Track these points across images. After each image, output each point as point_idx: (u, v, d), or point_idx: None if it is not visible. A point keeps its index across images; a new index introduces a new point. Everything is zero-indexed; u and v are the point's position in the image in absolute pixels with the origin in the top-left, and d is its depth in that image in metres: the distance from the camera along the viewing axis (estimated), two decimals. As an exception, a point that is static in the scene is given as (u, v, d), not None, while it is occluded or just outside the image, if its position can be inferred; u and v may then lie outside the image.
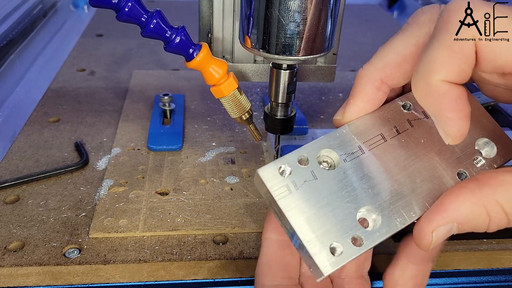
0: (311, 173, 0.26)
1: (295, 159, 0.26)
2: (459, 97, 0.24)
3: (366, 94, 0.29)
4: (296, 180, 0.26)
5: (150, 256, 0.37)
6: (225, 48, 0.45)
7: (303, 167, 0.26)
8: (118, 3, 0.35)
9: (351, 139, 0.28)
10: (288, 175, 0.26)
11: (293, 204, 0.25)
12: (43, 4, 0.88)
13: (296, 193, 0.25)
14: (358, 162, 0.27)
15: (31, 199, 0.42)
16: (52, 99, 0.60)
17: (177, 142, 0.50)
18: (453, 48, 0.23)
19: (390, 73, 0.28)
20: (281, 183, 0.25)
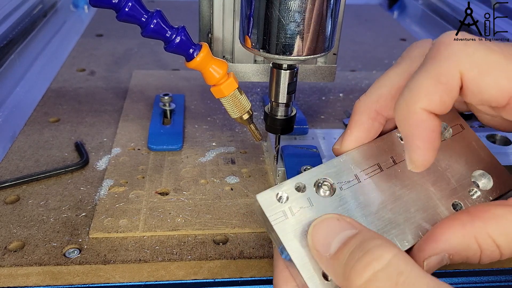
0: (307, 200, 0.27)
1: (292, 186, 0.27)
2: (433, 129, 0.25)
3: (363, 124, 0.30)
4: (293, 206, 0.27)
5: (150, 256, 0.37)
6: (225, 48, 0.45)
7: (300, 194, 0.27)
8: (118, 3, 0.35)
9: (348, 168, 0.29)
10: (285, 201, 0.27)
11: (289, 229, 0.26)
12: (43, 4, 0.88)
13: (292, 218, 0.26)
14: (354, 190, 0.28)
15: (31, 199, 0.42)
16: (52, 99, 0.60)
17: (177, 142, 0.50)
18: (439, 79, 0.24)
19: (384, 104, 0.30)
20: (278, 209, 0.26)
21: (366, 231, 0.25)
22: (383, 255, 0.22)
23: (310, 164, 0.43)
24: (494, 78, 0.23)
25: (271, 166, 0.47)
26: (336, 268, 0.24)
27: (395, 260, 0.22)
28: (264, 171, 0.47)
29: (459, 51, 0.24)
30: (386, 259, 0.22)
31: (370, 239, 0.24)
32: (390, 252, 0.23)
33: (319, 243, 0.25)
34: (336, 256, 0.24)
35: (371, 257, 0.23)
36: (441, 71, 0.24)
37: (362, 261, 0.23)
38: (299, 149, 0.47)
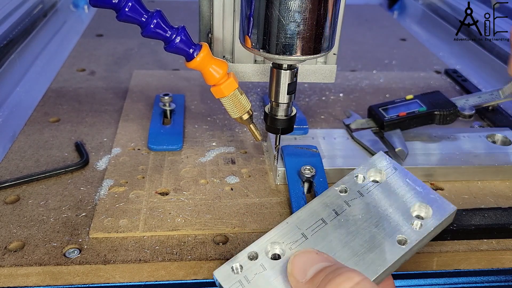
0: (260, 266, 0.30)
1: (245, 256, 0.30)
2: None
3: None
4: (248, 275, 0.29)
5: (150, 256, 0.37)
6: (226, 48, 0.45)
7: (253, 262, 0.30)
8: (118, 3, 0.35)
9: (294, 229, 0.31)
10: (240, 271, 0.29)
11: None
12: (43, 4, 0.88)
13: (249, 286, 0.29)
14: (302, 247, 0.30)
15: (31, 199, 0.42)
16: (52, 99, 0.60)
17: (177, 142, 0.50)
18: None
19: None
20: (234, 280, 0.29)
21: (339, 263, 0.28)
22: (354, 278, 0.25)
23: (310, 164, 0.43)
24: None
25: (271, 166, 0.47)
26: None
27: (364, 282, 0.25)
28: (264, 171, 0.47)
29: None
30: (356, 280, 0.25)
31: (343, 267, 0.26)
32: (360, 276, 0.25)
33: (297, 270, 0.28)
34: (311, 281, 0.27)
35: (343, 278, 0.25)
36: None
37: (334, 281, 0.25)
38: (299, 149, 0.47)
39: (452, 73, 0.70)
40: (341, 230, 0.31)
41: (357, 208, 0.32)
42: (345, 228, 0.31)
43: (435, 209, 0.32)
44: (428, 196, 0.32)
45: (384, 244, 0.30)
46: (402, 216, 0.31)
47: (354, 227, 0.31)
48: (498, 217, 0.40)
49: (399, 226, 0.31)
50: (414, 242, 0.30)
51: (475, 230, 0.39)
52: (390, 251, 0.30)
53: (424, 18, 1.01)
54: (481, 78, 0.72)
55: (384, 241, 0.30)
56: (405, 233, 0.31)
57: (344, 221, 0.31)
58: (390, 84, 0.68)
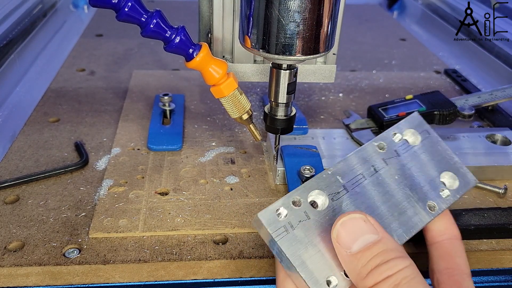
0: (304, 213, 0.29)
1: (289, 201, 0.29)
2: None
3: None
4: (292, 221, 0.28)
5: (150, 256, 0.37)
6: (225, 48, 0.45)
7: (297, 209, 0.29)
8: (118, 3, 0.35)
9: (336, 180, 0.31)
10: (284, 217, 0.28)
11: (292, 243, 0.28)
12: (43, 4, 0.88)
13: (293, 232, 0.28)
14: (344, 200, 0.30)
15: (31, 199, 0.42)
16: (52, 99, 0.60)
17: (177, 142, 0.50)
18: None
19: None
20: (279, 225, 0.28)
21: (386, 239, 0.27)
22: (398, 265, 0.26)
23: (310, 164, 0.43)
24: None
25: (271, 166, 0.47)
26: (354, 266, 0.26)
27: (407, 269, 0.25)
28: (264, 171, 0.47)
29: None
30: (399, 267, 0.25)
31: (390, 251, 0.26)
32: (404, 264, 0.26)
33: (343, 239, 0.27)
34: (357, 256, 0.26)
35: (388, 266, 0.26)
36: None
37: (380, 268, 0.26)
38: (299, 149, 0.47)
39: (451, 73, 0.70)
40: (379, 188, 0.32)
41: (394, 168, 0.33)
42: (382, 186, 0.32)
43: (460, 180, 0.33)
44: (455, 166, 0.34)
45: (416, 208, 0.32)
46: (432, 182, 0.33)
47: (390, 186, 0.32)
48: (498, 217, 0.40)
49: (430, 191, 0.32)
50: (441, 209, 0.31)
51: (475, 230, 0.39)
52: (421, 215, 0.31)
53: (424, 18, 1.01)
54: (481, 78, 0.72)
55: (416, 205, 0.31)
56: (435, 200, 0.32)
57: (382, 179, 0.32)
58: (390, 84, 0.68)
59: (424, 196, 0.32)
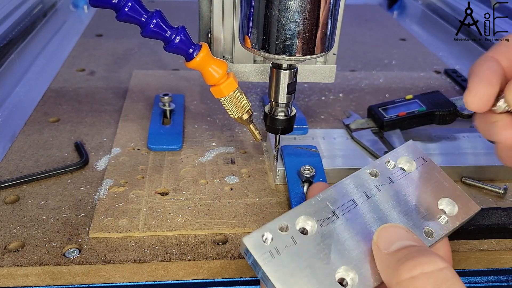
0: (291, 239, 0.29)
1: (276, 227, 0.29)
2: None
3: None
4: (278, 246, 0.28)
5: (150, 256, 0.37)
6: (225, 48, 0.45)
7: (284, 234, 0.29)
8: (118, 3, 0.35)
9: (325, 206, 0.30)
10: (271, 242, 0.28)
11: (277, 268, 0.27)
12: (43, 4, 0.88)
13: (279, 258, 0.28)
14: (333, 226, 0.30)
15: (31, 199, 0.42)
16: (52, 99, 0.60)
17: (177, 142, 0.50)
18: None
19: None
20: (264, 249, 0.28)
21: (425, 247, 0.26)
22: (437, 262, 0.24)
23: (310, 164, 0.43)
24: None
25: (271, 166, 0.47)
26: (389, 262, 0.26)
27: (446, 270, 0.24)
28: (264, 171, 0.47)
29: None
30: (438, 266, 0.24)
31: (430, 252, 0.25)
32: (444, 263, 0.24)
33: (383, 240, 0.27)
34: (394, 254, 0.26)
35: (425, 260, 0.24)
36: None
37: (415, 260, 0.24)
38: (299, 149, 0.47)
39: (451, 73, 0.70)
40: (372, 214, 0.31)
41: (387, 194, 0.32)
42: (375, 212, 0.31)
43: (460, 206, 0.32)
44: (455, 192, 0.33)
45: None
46: (429, 209, 0.32)
47: (384, 213, 0.31)
48: (498, 217, 0.40)
49: (426, 218, 0.31)
50: (439, 236, 0.30)
51: (475, 230, 0.39)
52: None
53: (423, 18, 1.01)
54: (481, 78, 0.72)
55: (412, 231, 0.30)
56: (432, 226, 0.31)
57: (375, 205, 0.31)
58: (390, 84, 0.68)
59: (421, 222, 0.31)
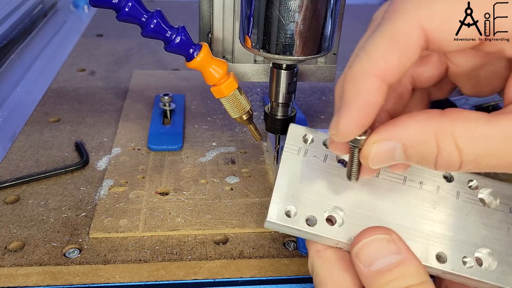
0: (324, 155, 0.29)
1: (321, 138, 0.29)
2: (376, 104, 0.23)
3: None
4: (309, 151, 0.28)
5: (150, 256, 0.37)
6: (226, 48, 0.45)
7: (322, 148, 0.29)
8: (118, 3, 0.35)
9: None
10: (308, 144, 0.29)
11: (291, 163, 0.28)
12: (43, 4, 0.88)
13: (300, 158, 0.28)
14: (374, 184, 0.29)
15: (31, 199, 0.42)
16: (52, 99, 0.60)
17: (177, 142, 0.50)
18: (396, 38, 0.22)
19: None
20: (297, 144, 0.29)
21: (409, 260, 0.25)
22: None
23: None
24: (461, 18, 0.21)
25: (271, 166, 0.47)
26: (371, 283, 0.25)
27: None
28: (264, 171, 0.47)
29: (415, 5, 0.22)
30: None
31: (410, 276, 0.25)
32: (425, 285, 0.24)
33: (363, 258, 0.26)
34: (375, 276, 0.25)
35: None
36: (397, 29, 0.22)
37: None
38: (299, 149, 0.46)
39: (452, 73, 0.70)
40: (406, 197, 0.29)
41: (437, 197, 0.29)
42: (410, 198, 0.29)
43: (500, 268, 0.27)
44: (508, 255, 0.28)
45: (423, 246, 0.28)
46: (465, 244, 0.28)
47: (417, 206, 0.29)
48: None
49: (453, 248, 0.28)
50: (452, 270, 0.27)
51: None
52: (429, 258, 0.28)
53: (424, 18, 1.00)
54: (481, 78, 0.72)
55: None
56: (452, 259, 0.27)
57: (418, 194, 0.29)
58: (390, 84, 0.67)
59: (450, 243, 0.27)
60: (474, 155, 0.22)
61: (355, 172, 0.27)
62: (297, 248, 0.38)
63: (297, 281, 0.36)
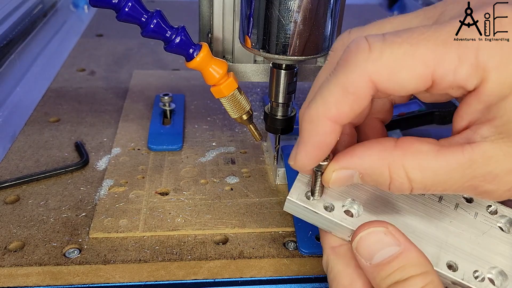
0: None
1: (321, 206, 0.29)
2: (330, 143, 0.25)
3: None
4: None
5: (150, 256, 0.37)
6: (225, 48, 0.45)
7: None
8: (118, 3, 0.35)
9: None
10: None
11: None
12: (43, 4, 0.88)
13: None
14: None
15: (31, 199, 0.42)
16: (52, 99, 0.60)
17: (177, 142, 0.50)
18: (348, 89, 0.24)
19: None
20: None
21: (408, 251, 0.26)
22: (417, 284, 0.25)
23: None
24: (408, 70, 0.23)
25: (271, 166, 0.47)
26: (374, 276, 0.26)
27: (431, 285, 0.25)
28: (264, 171, 0.47)
29: (364, 59, 0.23)
30: (418, 287, 0.25)
31: (410, 266, 0.25)
32: (424, 282, 0.25)
33: (362, 252, 0.27)
34: (376, 269, 0.26)
35: (407, 284, 0.25)
36: (349, 81, 0.24)
37: (398, 285, 0.25)
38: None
39: (452, 73, 0.70)
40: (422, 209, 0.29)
41: (457, 215, 0.30)
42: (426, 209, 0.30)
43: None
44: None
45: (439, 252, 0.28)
46: (479, 262, 0.28)
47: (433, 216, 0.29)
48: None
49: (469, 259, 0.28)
50: (462, 281, 0.27)
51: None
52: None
53: (424, 18, 1.00)
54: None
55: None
56: (462, 269, 0.27)
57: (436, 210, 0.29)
58: (390, 84, 0.67)
59: (454, 254, 0.28)
60: (423, 184, 0.24)
61: (319, 191, 0.29)
62: (297, 248, 0.38)
63: (297, 281, 0.36)
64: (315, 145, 0.25)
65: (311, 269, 0.37)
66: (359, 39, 0.24)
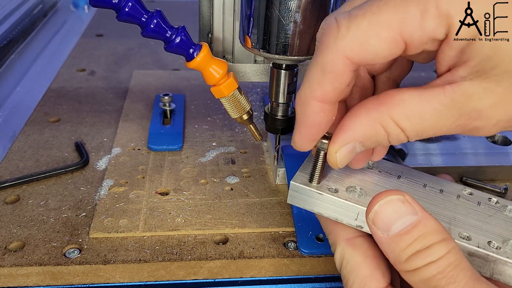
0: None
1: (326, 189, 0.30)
2: (321, 122, 0.26)
3: None
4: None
5: (150, 256, 0.37)
6: (226, 48, 0.45)
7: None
8: (119, 3, 0.35)
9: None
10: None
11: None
12: (43, 4, 0.88)
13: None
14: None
15: (31, 199, 0.42)
16: (52, 99, 0.60)
17: (177, 142, 0.50)
18: (325, 68, 0.25)
19: None
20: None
21: (427, 219, 0.25)
22: (440, 251, 0.24)
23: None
24: (376, 38, 0.23)
25: (271, 166, 0.47)
26: (392, 249, 0.25)
27: (449, 255, 0.24)
28: (264, 171, 0.47)
29: (335, 38, 0.24)
30: (441, 254, 0.24)
31: (431, 234, 0.25)
32: (446, 249, 0.24)
33: (379, 222, 0.26)
34: (395, 240, 0.25)
35: (430, 252, 0.24)
36: (325, 61, 0.25)
37: (420, 254, 0.24)
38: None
39: (452, 73, 0.70)
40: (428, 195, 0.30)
41: (467, 206, 0.30)
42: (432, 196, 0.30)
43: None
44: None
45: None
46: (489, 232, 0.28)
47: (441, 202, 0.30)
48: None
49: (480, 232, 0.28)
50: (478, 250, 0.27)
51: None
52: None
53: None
54: (481, 78, 0.72)
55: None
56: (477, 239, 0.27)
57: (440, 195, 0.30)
58: (390, 84, 0.67)
59: (464, 228, 0.28)
60: (414, 131, 0.25)
61: (318, 175, 0.29)
62: (297, 248, 0.38)
63: (297, 281, 0.36)
64: (308, 124, 0.27)
65: (311, 269, 0.37)
66: (329, 19, 0.25)
